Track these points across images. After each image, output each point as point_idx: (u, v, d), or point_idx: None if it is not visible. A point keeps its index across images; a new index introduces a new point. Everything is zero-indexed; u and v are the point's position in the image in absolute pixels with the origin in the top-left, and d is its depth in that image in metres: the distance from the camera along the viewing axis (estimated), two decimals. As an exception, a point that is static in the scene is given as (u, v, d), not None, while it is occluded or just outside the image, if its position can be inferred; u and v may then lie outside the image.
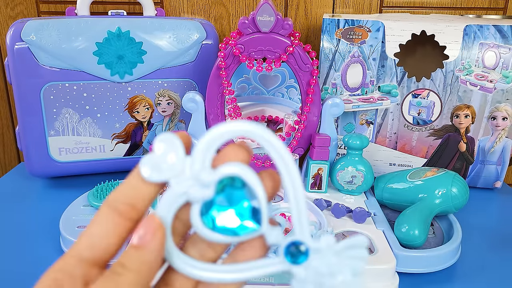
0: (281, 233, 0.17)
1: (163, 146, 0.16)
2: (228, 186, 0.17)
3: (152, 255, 0.15)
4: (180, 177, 0.16)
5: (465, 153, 0.56)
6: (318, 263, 0.16)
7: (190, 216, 0.17)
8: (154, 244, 0.16)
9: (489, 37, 0.51)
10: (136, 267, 0.15)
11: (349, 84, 0.55)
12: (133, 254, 0.15)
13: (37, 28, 0.51)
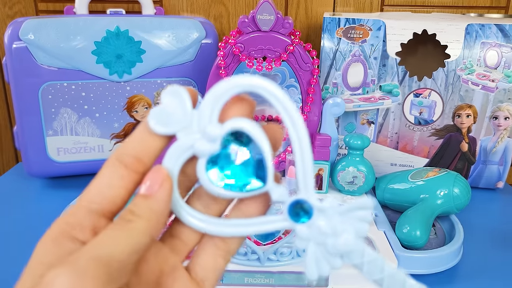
0: (286, 191, 0.17)
1: (171, 98, 0.16)
2: (235, 141, 0.16)
3: (160, 204, 0.16)
4: (187, 130, 0.16)
5: (467, 153, 0.56)
6: (321, 222, 0.16)
7: (196, 170, 0.17)
8: (162, 193, 0.16)
9: (491, 36, 0.51)
10: (147, 215, 0.15)
11: (350, 83, 0.54)
12: (142, 203, 0.15)
13: (35, 27, 0.50)
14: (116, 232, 0.15)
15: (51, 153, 0.54)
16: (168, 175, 0.16)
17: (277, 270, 0.37)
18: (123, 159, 0.16)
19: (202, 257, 0.17)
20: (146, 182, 0.16)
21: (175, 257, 0.17)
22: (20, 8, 0.62)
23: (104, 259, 0.13)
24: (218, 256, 0.17)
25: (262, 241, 0.37)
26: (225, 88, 0.16)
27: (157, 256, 0.17)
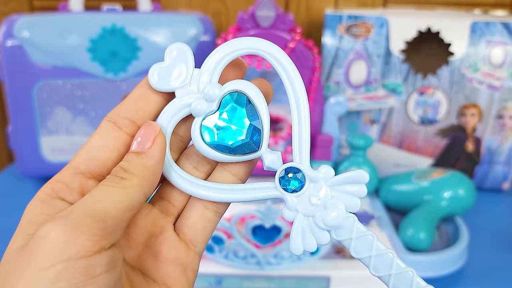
0: (280, 158, 0.17)
1: (174, 55, 0.16)
2: (232, 102, 0.16)
3: (153, 161, 0.15)
4: (186, 88, 0.16)
5: (472, 153, 0.55)
6: (312, 193, 0.16)
7: (192, 129, 0.16)
8: (155, 150, 0.15)
9: (496, 34, 0.50)
10: (140, 172, 0.15)
11: (353, 81, 0.53)
12: (136, 160, 0.15)
13: (30, 25, 0.49)
14: (110, 188, 0.14)
15: (45, 153, 0.53)
16: (161, 130, 0.16)
17: (277, 274, 0.36)
18: (116, 121, 0.16)
19: (190, 218, 0.17)
20: (137, 138, 0.15)
21: (164, 219, 0.17)
22: (15, 5, 0.61)
23: (99, 214, 0.13)
24: (207, 217, 0.17)
25: (262, 244, 0.36)
26: (228, 51, 0.16)
27: (146, 218, 0.16)
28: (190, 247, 0.17)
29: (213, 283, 0.36)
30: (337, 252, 0.39)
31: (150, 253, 0.16)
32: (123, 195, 0.14)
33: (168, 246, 0.16)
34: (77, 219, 0.13)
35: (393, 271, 0.15)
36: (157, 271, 0.16)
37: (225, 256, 0.36)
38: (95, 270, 0.12)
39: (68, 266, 0.12)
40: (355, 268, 0.37)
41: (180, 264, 0.16)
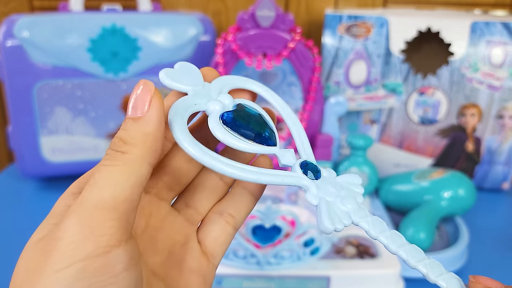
0: (294, 155, 0.18)
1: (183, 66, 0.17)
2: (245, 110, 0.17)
3: (153, 126, 0.14)
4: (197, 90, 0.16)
5: (472, 153, 0.55)
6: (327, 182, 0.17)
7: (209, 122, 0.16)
8: (153, 113, 0.14)
9: (496, 34, 0.50)
10: (140, 140, 0.13)
11: (353, 81, 0.53)
12: (133, 127, 0.14)
13: (30, 25, 0.49)
14: (112, 169, 0.13)
15: (45, 153, 0.53)
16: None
17: (277, 274, 0.36)
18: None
19: (213, 232, 0.17)
20: (131, 100, 0.14)
21: (190, 228, 0.17)
22: (15, 5, 0.61)
23: (108, 203, 0.12)
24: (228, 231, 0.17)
25: (262, 244, 0.36)
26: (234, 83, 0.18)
27: (173, 225, 0.16)
28: (210, 259, 0.17)
29: (214, 283, 0.36)
30: (337, 252, 0.39)
31: (174, 261, 0.15)
32: (127, 173, 0.13)
33: (193, 256, 0.16)
34: (88, 213, 0.12)
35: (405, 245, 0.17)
36: (179, 281, 0.15)
37: (225, 256, 0.36)
38: (115, 268, 0.12)
39: (86, 265, 0.11)
40: (355, 268, 0.37)
41: (201, 275, 0.16)
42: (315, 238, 0.36)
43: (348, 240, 0.41)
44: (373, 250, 0.39)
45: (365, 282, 0.36)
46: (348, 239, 0.41)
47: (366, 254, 0.39)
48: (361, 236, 0.42)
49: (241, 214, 0.17)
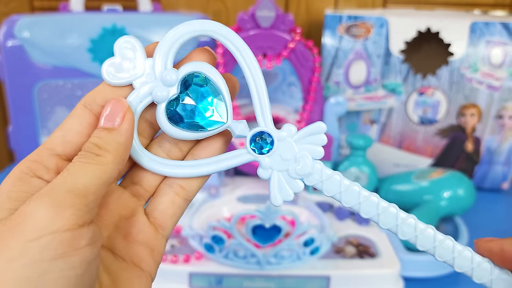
0: (247, 126, 0.18)
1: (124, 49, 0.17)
2: (192, 84, 0.17)
3: (125, 137, 0.16)
4: (142, 78, 0.17)
5: (471, 153, 0.55)
6: (282, 150, 0.18)
7: (157, 115, 0.17)
8: (126, 126, 0.16)
9: (495, 34, 0.50)
10: (113, 148, 0.15)
11: (352, 82, 0.53)
12: (108, 136, 0.16)
13: (31, 25, 0.50)
14: (87, 165, 0.15)
15: (46, 153, 0.53)
16: (129, 106, 0.16)
17: (277, 274, 0.36)
18: (93, 108, 0.16)
19: (162, 204, 0.18)
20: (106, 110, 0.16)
21: (135, 202, 0.18)
22: (15, 5, 0.61)
23: (80, 191, 0.14)
24: (177, 203, 0.18)
25: (262, 243, 0.36)
26: (177, 35, 0.17)
27: (117, 201, 0.17)
28: (159, 231, 0.18)
29: (214, 283, 0.36)
30: (337, 252, 0.39)
31: (120, 234, 0.17)
32: (100, 172, 0.15)
33: (138, 228, 0.17)
34: (61, 196, 0.14)
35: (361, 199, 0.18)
36: (126, 251, 0.17)
37: (225, 256, 0.36)
38: (79, 242, 0.13)
39: (55, 237, 0.13)
40: (355, 268, 0.37)
41: (148, 245, 0.17)
42: (315, 238, 0.36)
43: (348, 240, 0.41)
44: (373, 250, 0.39)
45: (365, 281, 0.37)
46: (348, 239, 0.41)
47: (366, 254, 0.39)
48: (361, 236, 0.42)
49: (193, 186, 0.18)
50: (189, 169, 0.18)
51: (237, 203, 0.47)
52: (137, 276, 0.17)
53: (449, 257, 0.18)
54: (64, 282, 0.13)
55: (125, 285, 0.16)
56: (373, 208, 0.18)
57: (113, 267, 0.16)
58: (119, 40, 0.17)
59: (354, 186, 0.18)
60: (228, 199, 0.48)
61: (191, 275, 0.36)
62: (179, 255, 0.37)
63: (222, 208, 0.46)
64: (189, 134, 0.17)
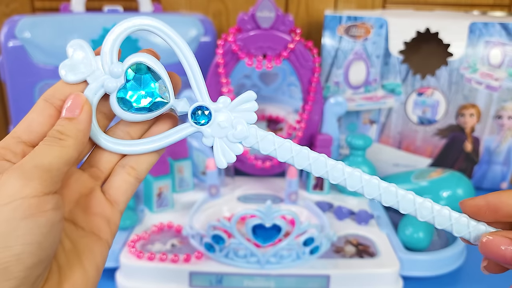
0: (187, 103, 0.20)
1: (75, 51, 0.19)
2: (136, 73, 0.20)
3: (84, 125, 0.19)
4: (94, 74, 0.19)
5: (471, 153, 0.55)
6: (219, 119, 0.20)
7: (110, 103, 0.20)
8: (84, 115, 0.19)
9: (494, 34, 0.50)
10: (74, 133, 0.18)
11: (352, 82, 0.53)
12: (69, 124, 0.19)
13: (32, 25, 0.50)
14: (52, 147, 0.18)
15: (47, 153, 0.54)
16: (87, 99, 0.19)
17: (277, 273, 0.36)
18: (53, 101, 0.19)
19: (115, 182, 0.21)
20: (66, 104, 0.19)
21: (93, 182, 0.20)
22: (17, 6, 0.62)
23: (46, 166, 0.17)
24: (129, 181, 0.21)
25: (262, 243, 0.36)
26: (117, 32, 0.19)
27: (77, 181, 0.20)
28: (114, 205, 0.21)
29: (214, 282, 0.37)
30: (337, 251, 0.39)
31: (80, 208, 0.20)
32: (62, 152, 0.18)
33: (95, 203, 0.20)
34: (29, 169, 0.16)
35: (293, 153, 0.21)
36: (86, 222, 0.20)
37: (226, 255, 0.37)
38: (45, 206, 0.16)
39: (24, 202, 0.16)
40: (355, 267, 0.37)
41: (104, 217, 0.20)
42: (314, 237, 0.36)
43: (347, 239, 0.41)
44: (372, 249, 0.40)
45: (365, 281, 0.37)
46: (347, 238, 0.41)
47: (365, 253, 0.39)
48: (361, 236, 0.42)
49: (142, 166, 0.21)
50: (141, 146, 0.20)
51: (237, 203, 0.47)
52: (95, 242, 0.20)
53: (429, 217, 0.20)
54: (32, 237, 0.16)
55: (85, 249, 0.19)
56: (305, 160, 0.21)
57: (74, 235, 0.19)
58: (70, 43, 0.19)
59: (286, 143, 0.21)
60: (228, 199, 0.48)
61: (192, 274, 0.36)
62: (180, 255, 0.37)
63: (222, 207, 0.46)
64: (139, 116, 0.20)
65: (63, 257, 0.18)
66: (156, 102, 0.20)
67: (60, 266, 0.18)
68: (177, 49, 0.20)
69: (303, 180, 0.52)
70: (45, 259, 0.16)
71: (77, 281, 0.18)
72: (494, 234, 0.20)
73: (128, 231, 0.41)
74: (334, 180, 0.21)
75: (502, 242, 0.19)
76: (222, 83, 0.47)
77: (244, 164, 0.51)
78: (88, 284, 0.19)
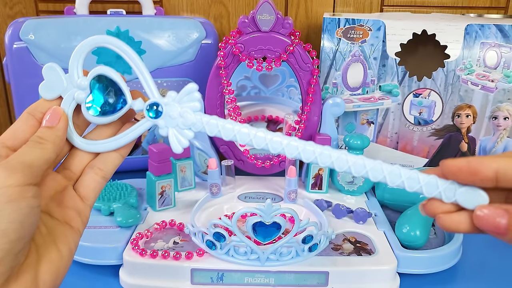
0: (142, 101, 0.24)
1: (48, 72, 0.24)
2: (98, 83, 0.24)
3: (61, 131, 0.23)
4: (66, 90, 0.24)
5: (467, 153, 0.56)
6: (170, 112, 0.24)
7: (82, 111, 0.24)
8: (62, 124, 0.23)
9: (490, 36, 0.51)
10: (52, 139, 0.22)
11: (350, 83, 0.54)
12: (48, 131, 0.23)
13: (36, 28, 0.50)
14: (33, 148, 0.21)
15: (51, 153, 0.54)
16: (64, 112, 0.24)
17: (277, 270, 0.37)
18: (35, 114, 0.23)
19: (85, 181, 0.24)
20: (46, 116, 0.23)
21: (66, 182, 0.24)
22: (21, 8, 0.62)
23: (27, 163, 0.20)
24: (96, 179, 0.24)
25: (262, 241, 0.37)
26: (79, 51, 0.23)
27: (53, 180, 0.24)
28: (84, 200, 0.25)
29: (215, 279, 0.37)
30: (335, 249, 0.40)
31: (55, 202, 0.23)
32: (42, 153, 0.21)
33: (68, 198, 0.24)
34: (13, 164, 0.20)
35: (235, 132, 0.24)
36: (60, 214, 0.23)
37: (226, 253, 0.37)
38: (26, 193, 0.20)
39: (8, 189, 0.19)
40: (353, 265, 0.38)
41: (76, 210, 0.24)
42: (313, 235, 0.37)
43: (345, 237, 0.42)
44: (370, 247, 0.40)
45: (362, 278, 0.37)
46: (345, 236, 0.42)
47: (363, 251, 0.40)
48: (359, 233, 0.43)
49: (108, 167, 0.25)
50: (107, 143, 0.24)
51: (238, 201, 0.48)
52: (68, 230, 0.23)
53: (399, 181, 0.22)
54: (15, 217, 0.19)
55: (60, 234, 0.23)
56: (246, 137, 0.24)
57: (49, 224, 0.23)
58: (44, 67, 0.24)
59: (227, 124, 0.24)
60: (229, 198, 0.48)
61: (193, 271, 0.37)
62: (182, 252, 0.38)
63: (223, 206, 0.47)
64: (106, 118, 0.24)
65: (41, 240, 0.22)
66: (117, 105, 0.24)
67: (38, 247, 0.22)
68: (126, 57, 0.24)
69: (303, 180, 0.53)
70: (26, 235, 0.20)
71: (52, 258, 0.22)
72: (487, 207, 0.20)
73: (131, 229, 0.42)
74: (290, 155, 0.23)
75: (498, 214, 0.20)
76: (223, 84, 0.48)
77: (244, 163, 0.52)
78: (63, 262, 0.22)
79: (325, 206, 0.47)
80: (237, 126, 0.24)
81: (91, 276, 0.39)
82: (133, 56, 0.23)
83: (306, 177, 0.51)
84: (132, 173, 0.53)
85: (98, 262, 0.39)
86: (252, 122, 0.59)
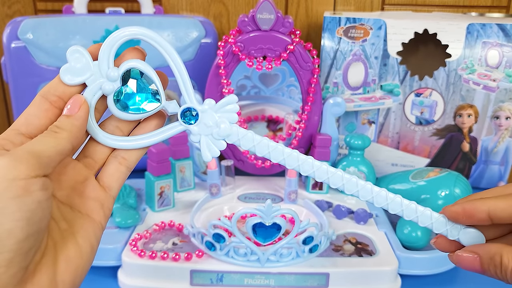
0: (177, 104, 0.23)
1: (75, 56, 0.21)
2: (130, 77, 0.22)
3: (79, 121, 0.21)
4: (92, 78, 0.22)
5: (468, 153, 0.56)
6: (205, 119, 0.23)
7: (108, 104, 0.22)
8: (81, 113, 0.21)
9: (492, 35, 0.51)
10: (69, 128, 0.21)
11: (351, 83, 0.54)
12: (65, 120, 0.21)
13: (34, 27, 0.50)
14: (46, 137, 0.20)
15: (50, 153, 0.54)
16: (85, 100, 0.22)
17: (277, 271, 0.37)
18: (48, 97, 0.21)
19: (109, 171, 0.23)
20: (67, 106, 0.21)
21: (88, 171, 0.23)
22: (19, 7, 0.62)
23: (35, 152, 0.18)
24: (121, 170, 0.23)
25: (262, 242, 0.36)
26: (112, 40, 0.21)
27: (73, 170, 0.22)
28: (107, 191, 0.23)
29: (215, 280, 0.37)
30: (336, 250, 0.40)
31: (76, 193, 0.22)
32: (55, 143, 0.20)
33: (90, 188, 0.22)
34: (19, 154, 0.18)
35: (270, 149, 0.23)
36: (81, 205, 0.22)
37: (226, 254, 0.37)
38: (31, 187, 0.18)
39: (12, 183, 0.17)
40: (353, 266, 0.38)
41: (99, 201, 0.22)
42: (314, 236, 0.37)
43: (346, 238, 0.42)
44: (371, 248, 0.40)
45: (363, 279, 0.37)
46: (346, 237, 0.42)
47: (364, 252, 0.39)
48: (360, 234, 0.42)
49: (132, 158, 0.23)
50: (136, 141, 0.23)
51: (238, 202, 0.48)
52: (90, 223, 0.22)
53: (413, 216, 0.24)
54: (21, 214, 0.17)
55: (80, 229, 0.21)
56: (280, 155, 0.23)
57: (70, 217, 0.21)
58: (70, 49, 0.21)
59: (264, 140, 0.23)
60: (229, 198, 0.48)
61: (193, 273, 0.37)
62: (181, 253, 0.37)
63: (223, 207, 0.47)
64: (134, 115, 0.22)
65: (59, 235, 0.20)
66: (149, 104, 0.22)
67: (56, 243, 0.20)
68: (167, 56, 0.22)
69: (303, 180, 0.53)
70: (35, 232, 0.18)
71: (70, 254, 0.20)
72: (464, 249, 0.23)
73: (130, 230, 0.41)
74: (304, 172, 0.23)
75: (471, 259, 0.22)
76: (222, 83, 0.48)
77: (244, 163, 0.52)
78: (83, 258, 0.21)
79: (325, 206, 0.46)
80: (272, 143, 0.23)
81: (89, 277, 0.39)
82: (174, 55, 0.22)
83: (307, 178, 0.51)
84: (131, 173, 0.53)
85: (97, 263, 0.39)
86: (252, 122, 0.59)
